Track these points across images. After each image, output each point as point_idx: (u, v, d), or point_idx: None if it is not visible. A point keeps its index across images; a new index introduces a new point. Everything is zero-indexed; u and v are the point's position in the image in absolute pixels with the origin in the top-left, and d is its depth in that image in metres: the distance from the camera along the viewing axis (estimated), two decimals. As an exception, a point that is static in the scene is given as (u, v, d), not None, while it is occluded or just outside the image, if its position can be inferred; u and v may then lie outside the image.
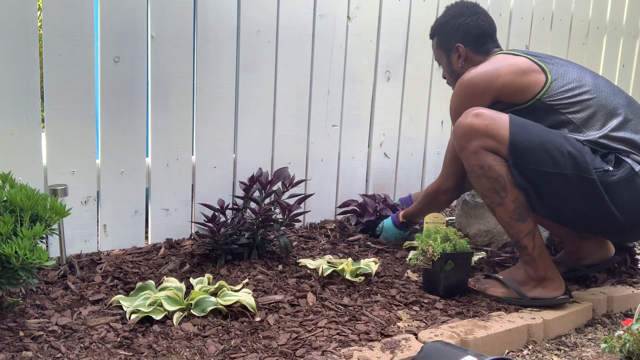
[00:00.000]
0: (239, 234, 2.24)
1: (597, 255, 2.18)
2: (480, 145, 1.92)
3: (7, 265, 1.54)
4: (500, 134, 1.89)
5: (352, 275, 2.09)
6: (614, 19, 3.84)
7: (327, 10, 2.67)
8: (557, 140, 1.88)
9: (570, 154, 1.86)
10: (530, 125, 1.93)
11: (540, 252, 1.98)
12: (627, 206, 1.89)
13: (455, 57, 2.25)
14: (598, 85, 2.03)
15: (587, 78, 2.04)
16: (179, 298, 1.79)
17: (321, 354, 1.57)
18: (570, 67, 2.08)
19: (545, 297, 1.98)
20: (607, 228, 1.98)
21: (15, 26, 1.99)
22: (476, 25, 2.20)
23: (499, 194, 1.93)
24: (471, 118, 1.94)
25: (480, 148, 1.92)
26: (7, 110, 2.02)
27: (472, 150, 1.93)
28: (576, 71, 2.06)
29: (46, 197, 1.68)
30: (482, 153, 1.92)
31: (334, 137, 2.81)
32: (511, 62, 2.04)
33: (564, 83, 1.99)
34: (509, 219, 1.95)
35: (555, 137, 1.89)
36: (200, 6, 2.34)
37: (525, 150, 1.88)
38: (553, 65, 2.05)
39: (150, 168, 2.34)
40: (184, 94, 2.35)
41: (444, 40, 2.27)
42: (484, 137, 1.91)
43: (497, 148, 1.90)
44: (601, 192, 1.85)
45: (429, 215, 2.15)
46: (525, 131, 1.90)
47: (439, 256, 1.97)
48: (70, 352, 1.55)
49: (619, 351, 1.55)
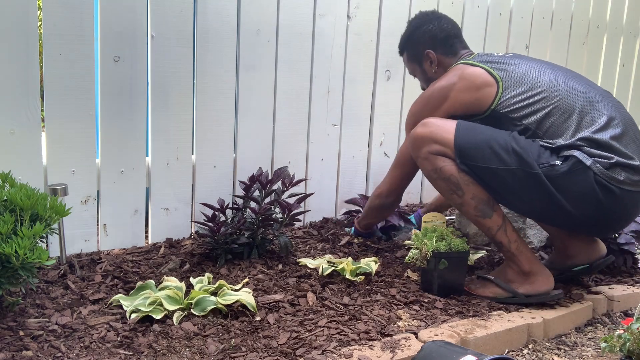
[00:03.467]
0: (239, 233, 2.24)
1: (587, 254, 2.16)
2: (429, 150, 2.03)
3: (7, 265, 1.54)
4: (445, 137, 2.00)
5: (352, 274, 2.09)
6: (614, 19, 3.84)
7: (327, 10, 2.67)
8: (503, 138, 1.96)
9: (514, 151, 1.93)
10: (477, 127, 2.03)
11: (518, 247, 2.01)
12: (577, 199, 1.92)
13: (427, 65, 2.29)
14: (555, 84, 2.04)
15: (544, 77, 2.05)
16: (179, 297, 1.79)
17: (321, 353, 1.57)
18: (530, 68, 2.09)
19: (538, 293, 1.99)
20: (564, 221, 2.01)
21: (15, 25, 1.99)
22: (440, 29, 2.26)
23: (457, 193, 2.01)
24: (419, 128, 2.07)
25: (429, 153, 2.03)
26: (7, 109, 2.02)
27: (423, 156, 2.05)
28: (534, 73, 2.07)
29: (46, 196, 1.68)
30: (432, 157, 2.03)
31: (334, 137, 2.80)
32: (467, 74, 2.10)
33: (515, 91, 2.03)
34: (475, 217, 2.03)
35: (501, 136, 1.97)
36: (200, 5, 2.34)
37: (470, 149, 1.97)
38: (507, 72, 2.08)
39: (150, 167, 2.34)
40: (184, 93, 2.35)
41: (413, 51, 2.32)
42: (430, 142, 2.02)
43: (444, 151, 2.01)
44: (547, 186, 1.91)
45: (427, 215, 2.15)
46: (470, 132, 2.00)
47: (431, 255, 1.98)
48: (70, 352, 1.56)
49: (619, 350, 1.55)
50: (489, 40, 3.26)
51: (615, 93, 3.99)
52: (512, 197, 2.01)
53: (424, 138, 2.04)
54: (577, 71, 3.75)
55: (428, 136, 2.03)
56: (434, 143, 2.02)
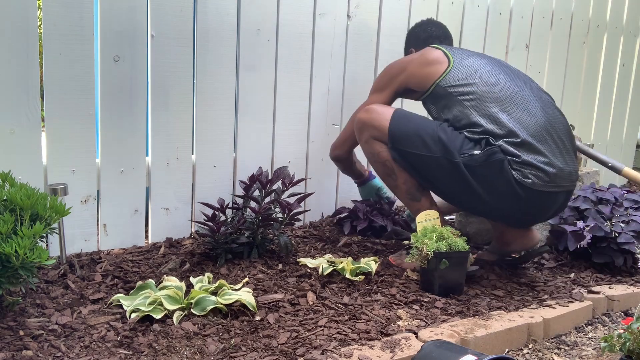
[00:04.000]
0: (239, 233, 2.24)
1: (521, 242, 2.30)
2: (369, 135, 2.24)
3: (7, 264, 1.54)
4: (382, 124, 2.20)
5: (352, 274, 2.09)
6: (614, 18, 3.84)
7: (327, 9, 2.67)
8: (432, 128, 2.14)
9: (440, 140, 2.10)
10: (412, 116, 2.22)
11: None
12: (492, 188, 2.06)
13: None
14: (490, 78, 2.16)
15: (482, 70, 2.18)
16: (179, 297, 1.79)
17: (321, 352, 1.57)
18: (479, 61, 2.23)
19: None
20: (481, 208, 2.17)
21: (15, 25, 1.99)
22: (424, 30, 2.52)
23: (391, 177, 2.23)
24: (362, 113, 2.28)
25: (369, 137, 2.24)
26: (7, 109, 2.02)
27: (364, 140, 2.26)
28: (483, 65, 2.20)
29: (46, 196, 1.68)
30: (371, 142, 2.23)
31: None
32: (425, 54, 2.29)
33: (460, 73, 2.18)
34: (406, 199, 2.25)
35: (431, 125, 2.16)
36: (200, 5, 2.34)
37: (401, 136, 2.16)
38: (461, 58, 2.24)
39: (150, 167, 2.34)
40: (184, 92, 2.35)
41: (405, 51, 2.60)
42: (370, 128, 2.23)
43: (381, 137, 2.21)
44: (465, 174, 2.06)
45: (421, 214, 2.16)
46: (404, 121, 2.19)
47: (432, 255, 1.98)
48: (70, 351, 1.56)
49: (619, 350, 1.55)
50: (489, 40, 3.26)
51: (615, 93, 4.00)
52: (437, 183, 2.18)
53: (365, 123, 2.24)
54: (577, 71, 3.77)
55: (369, 122, 2.23)
56: (374, 129, 2.22)
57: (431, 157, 2.10)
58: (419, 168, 2.16)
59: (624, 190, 2.61)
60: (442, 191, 2.23)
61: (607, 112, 4.00)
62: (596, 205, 2.49)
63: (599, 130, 3.97)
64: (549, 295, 2.11)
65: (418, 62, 2.28)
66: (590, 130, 3.92)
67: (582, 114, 3.80)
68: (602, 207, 2.47)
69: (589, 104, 3.88)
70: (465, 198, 2.15)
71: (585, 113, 3.84)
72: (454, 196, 2.21)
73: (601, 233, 2.35)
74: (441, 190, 2.22)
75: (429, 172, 2.15)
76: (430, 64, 2.24)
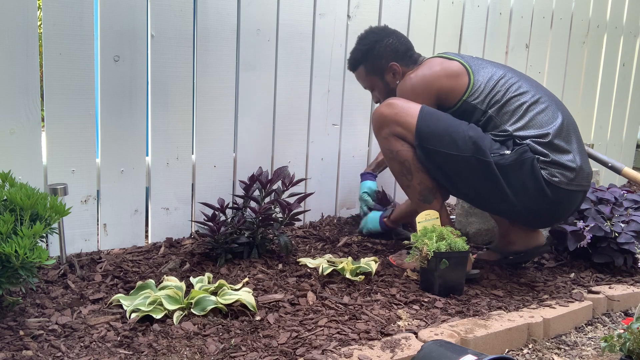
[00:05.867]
0: (239, 233, 2.24)
1: (525, 242, 2.30)
2: (390, 131, 2.15)
3: (7, 264, 1.54)
4: (408, 121, 2.11)
5: (352, 274, 2.09)
6: (614, 18, 3.84)
7: (327, 9, 2.67)
8: (461, 127, 2.09)
9: (471, 139, 2.06)
10: (439, 114, 2.14)
11: None
12: (518, 188, 2.05)
13: (390, 77, 2.37)
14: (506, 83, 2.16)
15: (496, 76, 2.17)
16: (179, 297, 1.79)
17: (321, 352, 1.57)
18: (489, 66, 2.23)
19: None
20: (504, 207, 2.12)
21: (15, 25, 1.99)
22: (399, 42, 2.36)
23: (407, 176, 2.17)
24: (383, 107, 2.17)
25: (390, 134, 2.15)
26: (7, 109, 2.02)
27: (384, 136, 2.17)
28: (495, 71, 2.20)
29: (46, 196, 1.68)
30: (391, 139, 2.15)
31: (334, 136, 2.81)
32: (446, 66, 2.21)
33: (481, 84, 2.16)
34: (417, 200, 2.19)
35: (460, 124, 2.10)
36: (200, 5, 2.34)
37: (430, 134, 2.09)
38: (477, 67, 2.21)
39: (150, 167, 2.34)
40: (184, 92, 2.35)
41: (374, 65, 2.37)
42: (392, 124, 2.14)
43: (405, 134, 2.13)
44: (495, 174, 2.04)
45: (421, 214, 2.16)
46: (433, 118, 2.11)
47: (432, 255, 1.98)
48: (70, 351, 1.55)
49: (619, 350, 1.55)
50: (489, 40, 3.26)
51: (615, 93, 4.00)
52: (462, 183, 2.14)
53: (387, 118, 2.14)
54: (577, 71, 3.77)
55: (392, 118, 2.13)
56: (397, 125, 2.13)
57: (461, 157, 2.06)
58: (444, 167, 2.11)
59: (624, 190, 2.61)
60: (464, 192, 2.20)
61: (607, 112, 4.00)
62: (596, 205, 2.49)
63: (598, 130, 3.97)
64: (549, 295, 2.11)
65: (444, 74, 2.20)
66: (590, 130, 3.92)
67: (582, 113, 3.80)
68: (602, 207, 2.47)
69: (589, 104, 3.88)
70: (489, 198, 2.12)
71: (585, 113, 3.84)
72: (476, 196, 2.18)
73: (601, 233, 2.35)
74: (463, 191, 2.19)
75: (456, 171, 2.11)
76: (456, 76, 2.18)
